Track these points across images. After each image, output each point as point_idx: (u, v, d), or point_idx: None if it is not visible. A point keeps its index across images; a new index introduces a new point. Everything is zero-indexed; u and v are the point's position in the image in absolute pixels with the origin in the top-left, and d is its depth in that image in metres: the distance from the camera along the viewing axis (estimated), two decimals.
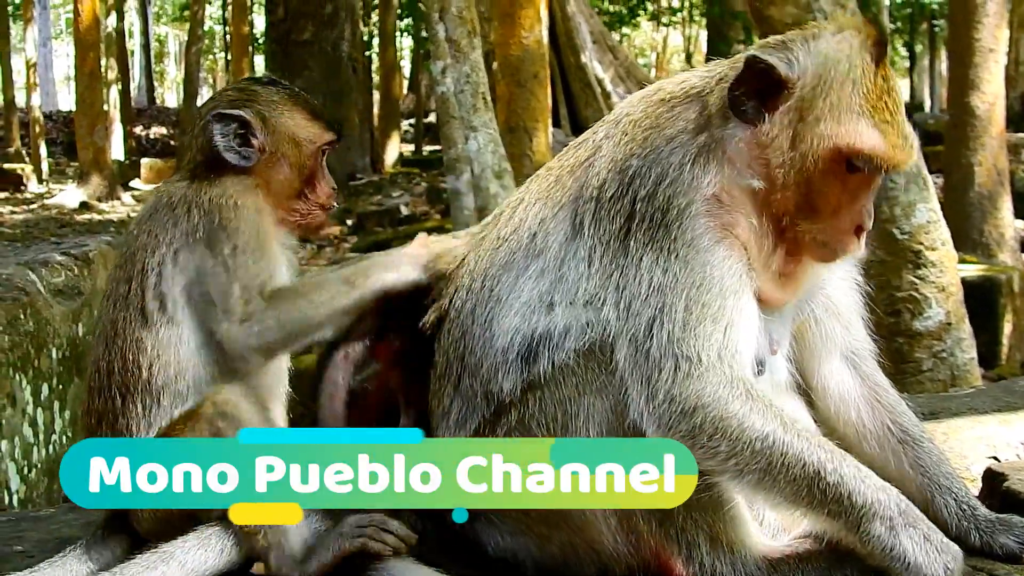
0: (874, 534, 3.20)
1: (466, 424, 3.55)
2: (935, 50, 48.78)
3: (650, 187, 3.36)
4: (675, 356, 3.20)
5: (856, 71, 3.36)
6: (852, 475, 3.22)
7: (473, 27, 13.16)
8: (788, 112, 3.37)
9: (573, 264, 3.44)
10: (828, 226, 3.39)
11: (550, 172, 3.73)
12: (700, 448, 3.18)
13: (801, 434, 3.23)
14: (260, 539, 3.46)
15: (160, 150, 46.88)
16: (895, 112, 3.37)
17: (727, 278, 3.30)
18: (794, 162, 3.35)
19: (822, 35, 3.44)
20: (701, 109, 3.47)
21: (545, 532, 3.52)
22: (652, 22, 53.87)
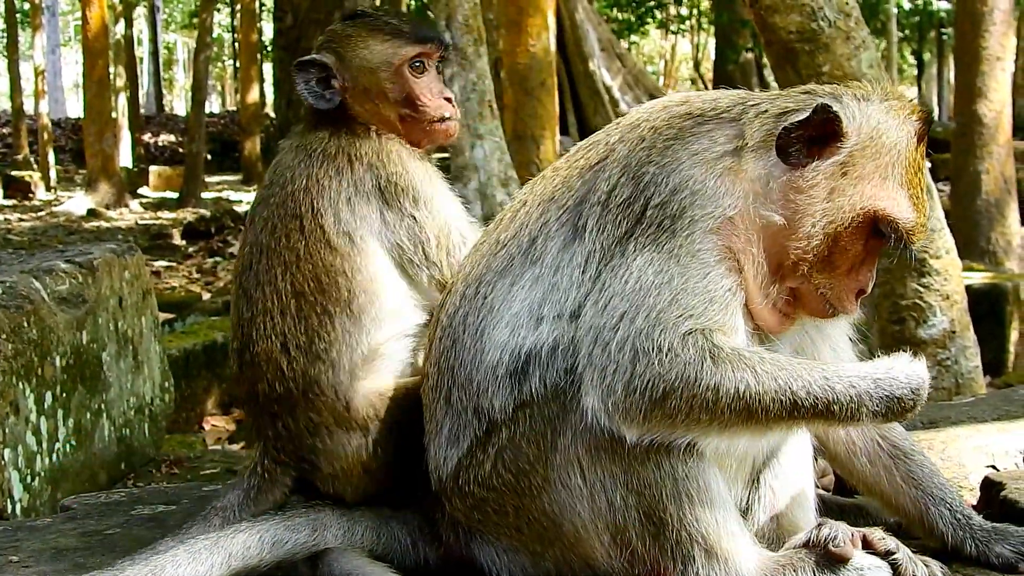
0: (853, 395, 3.20)
1: (459, 442, 3.53)
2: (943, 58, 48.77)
3: (665, 195, 3.32)
4: (633, 349, 3.16)
5: (902, 143, 3.40)
6: (825, 372, 3.23)
7: (479, 35, 13.18)
8: (834, 165, 3.37)
9: (568, 271, 3.40)
10: (838, 284, 3.41)
11: (556, 173, 3.67)
12: (682, 423, 3.17)
13: (768, 363, 3.20)
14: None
15: (168, 157, 47.02)
16: (924, 190, 3.43)
17: (718, 291, 3.26)
18: (827, 214, 3.34)
19: (872, 98, 3.46)
20: (734, 135, 3.42)
21: (539, 549, 3.50)
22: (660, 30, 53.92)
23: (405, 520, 3.76)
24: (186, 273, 23.18)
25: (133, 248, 8.64)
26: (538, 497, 3.40)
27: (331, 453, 3.84)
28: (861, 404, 3.20)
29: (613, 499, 3.32)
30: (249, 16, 41.71)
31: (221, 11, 59.47)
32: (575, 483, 3.34)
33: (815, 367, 3.25)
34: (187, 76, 72.47)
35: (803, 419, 3.23)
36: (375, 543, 3.70)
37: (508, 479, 3.42)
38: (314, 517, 3.67)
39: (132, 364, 8.23)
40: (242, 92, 42.45)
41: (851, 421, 3.24)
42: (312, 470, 3.88)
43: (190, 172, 35.56)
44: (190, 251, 26.29)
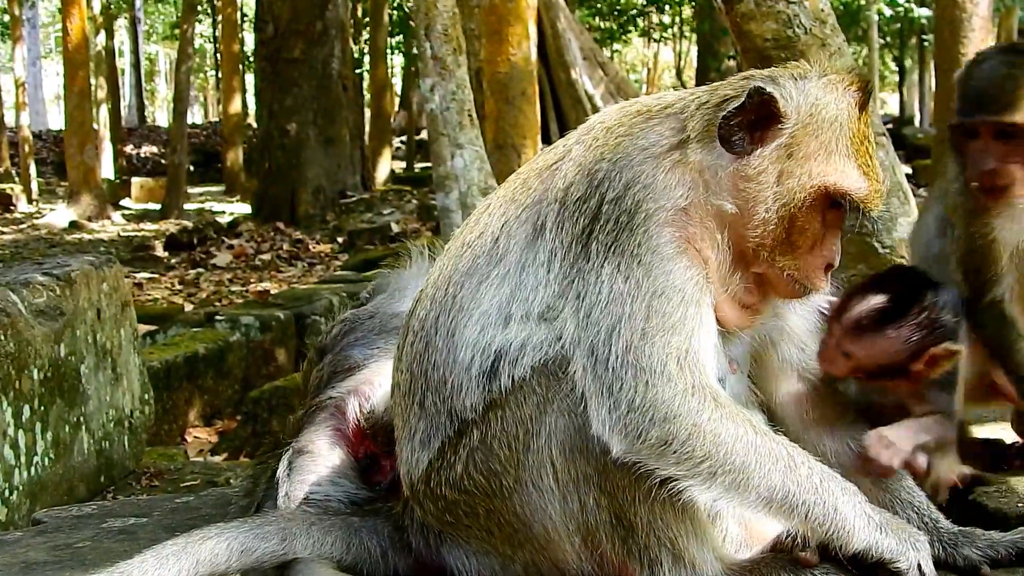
0: (848, 516, 3.24)
1: (430, 444, 3.54)
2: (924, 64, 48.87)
3: (619, 190, 3.35)
4: (635, 366, 3.19)
5: (843, 115, 3.42)
6: (820, 468, 3.28)
7: (459, 45, 13.17)
8: (778, 149, 3.40)
9: (533, 269, 3.43)
10: (803, 263, 3.44)
11: (518, 176, 3.72)
12: (673, 454, 3.18)
13: (769, 433, 3.28)
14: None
15: (151, 169, 46.96)
16: (874, 156, 3.47)
17: (688, 287, 3.29)
18: (779, 197, 3.37)
19: (809, 76, 3.48)
20: (679, 128, 3.46)
21: (510, 551, 3.51)
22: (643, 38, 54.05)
23: (375, 529, 3.76)
24: (168, 285, 23.09)
25: (111, 260, 8.62)
26: (509, 499, 3.41)
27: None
28: (853, 537, 3.26)
29: (585, 501, 3.34)
30: (231, 27, 41.68)
31: (203, 22, 59.39)
32: (547, 484, 3.36)
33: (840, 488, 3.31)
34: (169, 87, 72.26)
35: (792, 485, 3.24)
36: (345, 553, 3.69)
37: (479, 480, 3.43)
38: (283, 526, 3.66)
39: (111, 376, 8.20)
40: (224, 103, 42.42)
41: (835, 530, 3.26)
42: None
43: (172, 183, 35.50)
44: (172, 263, 26.21)
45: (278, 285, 22.00)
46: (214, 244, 28.05)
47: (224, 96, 42.58)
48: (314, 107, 31.17)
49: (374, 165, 37.32)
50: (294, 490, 4.08)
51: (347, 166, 32.44)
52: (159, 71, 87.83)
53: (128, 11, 56.65)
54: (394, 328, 4.06)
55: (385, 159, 39.45)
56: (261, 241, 28.68)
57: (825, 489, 3.24)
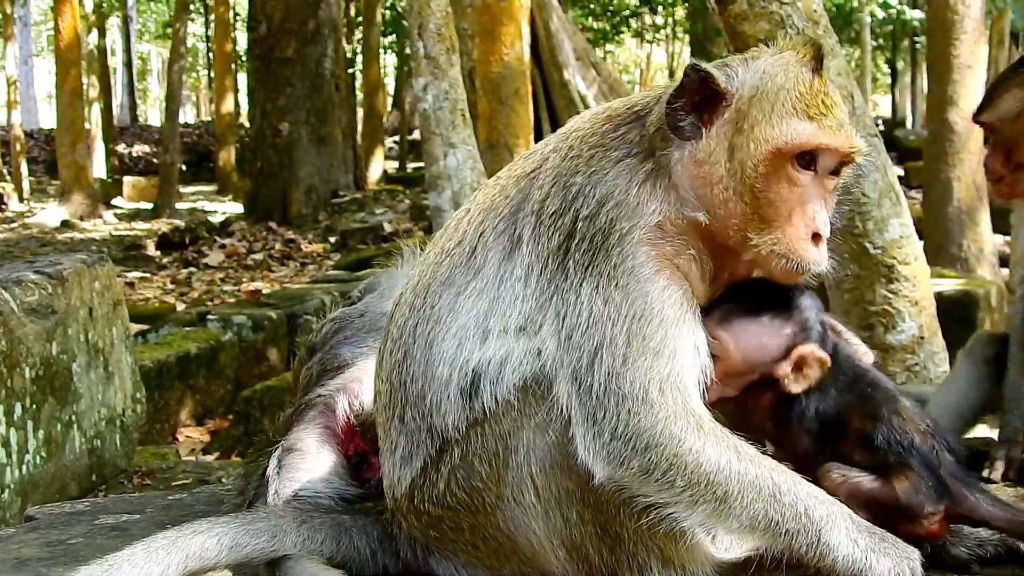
0: (834, 544, 3.19)
1: (412, 462, 3.52)
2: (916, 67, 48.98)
3: (593, 207, 3.31)
4: (617, 394, 3.16)
5: (791, 80, 3.33)
6: (806, 492, 3.23)
7: (452, 44, 13.18)
8: (726, 125, 3.34)
9: (510, 283, 3.39)
10: (783, 235, 3.31)
11: (497, 182, 3.67)
12: (655, 482, 3.16)
13: (754, 459, 3.22)
14: None
15: (143, 168, 46.89)
16: (831, 107, 3.34)
17: (668, 308, 3.24)
18: (733, 173, 3.31)
19: (761, 55, 3.43)
20: (641, 130, 3.43)
21: (496, 564, 3.51)
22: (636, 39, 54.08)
23: (365, 529, 3.75)
24: (160, 284, 23.11)
25: (104, 258, 8.59)
26: (492, 514, 3.40)
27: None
28: (838, 565, 3.21)
29: (568, 515, 3.33)
30: (223, 26, 41.63)
31: (195, 21, 59.33)
32: (528, 500, 3.34)
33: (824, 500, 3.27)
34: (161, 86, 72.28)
35: (775, 513, 3.20)
36: (334, 552, 3.68)
37: (462, 497, 3.42)
38: (274, 523, 3.66)
39: (103, 375, 8.19)
40: (216, 102, 42.40)
41: (819, 557, 3.22)
42: None
43: (164, 183, 35.50)
44: (164, 262, 26.21)
45: (270, 285, 22.01)
46: (206, 243, 28.05)
47: (216, 95, 42.56)
48: (307, 106, 31.16)
49: (367, 164, 37.29)
50: (284, 488, 4.08)
51: (340, 165, 32.43)
52: (151, 70, 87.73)
53: (120, 10, 56.62)
54: (383, 327, 4.06)
55: (378, 158, 39.43)
56: (253, 240, 28.68)
57: (809, 518, 3.19)
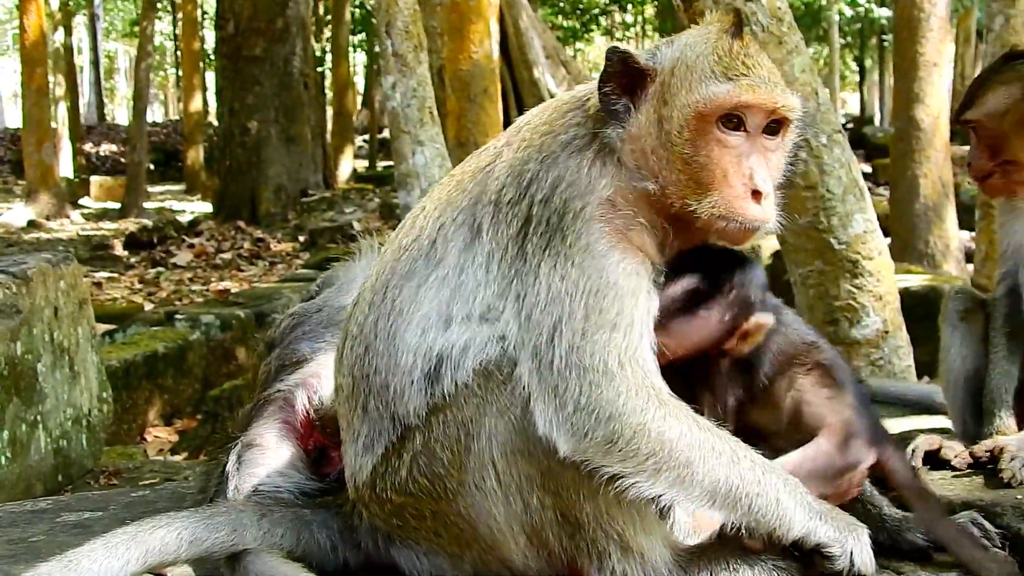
0: (790, 506, 3.27)
1: (374, 449, 3.54)
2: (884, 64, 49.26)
3: (547, 190, 3.36)
4: (578, 366, 3.20)
5: (710, 46, 3.41)
6: (762, 462, 3.30)
7: (419, 41, 13.17)
8: (652, 99, 3.42)
9: (471, 271, 3.43)
10: (721, 197, 3.36)
11: (452, 178, 3.73)
12: (619, 451, 3.19)
13: (711, 429, 3.28)
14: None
15: (110, 167, 46.64)
16: (752, 66, 3.38)
17: (623, 281, 3.29)
18: (664, 143, 3.38)
19: (687, 32, 3.54)
20: (585, 115, 3.51)
21: (458, 551, 3.52)
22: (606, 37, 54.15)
23: (326, 523, 3.76)
24: (128, 284, 22.99)
25: (69, 257, 8.54)
26: (454, 501, 3.42)
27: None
28: (792, 526, 3.28)
29: (529, 500, 3.35)
30: (191, 24, 41.51)
31: (163, 19, 59.12)
32: (490, 486, 3.36)
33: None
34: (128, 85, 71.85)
35: (736, 480, 3.25)
36: (295, 545, 3.69)
37: (424, 484, 3.44)
38: (234, 517, 3.66)
39: (69, 374, 8.15)
40: (184, 101, 42.26)
41: (777, 520, 3.28)
42: None
43: (132, 182, 35.31)
44: (132, 262, 26.08)
45: (239, 284, 21.95)
46: (174, 243, 27.93)
47: (184, 94, 42.41)
48: (275, 105, 31.09)
49: (336, 163, 37.26)
50: (243, 483, 4.07)
51: (309, 164, 32.38)
52: (118, 69, 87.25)
53: (87, 8, 56.32)
54: (341, 321, 4.06)
55: (347, 157, 39.39)
56: (222, 240, 28.59)
57: (767, 482, 3.26)
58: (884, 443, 3.62)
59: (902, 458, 3.68)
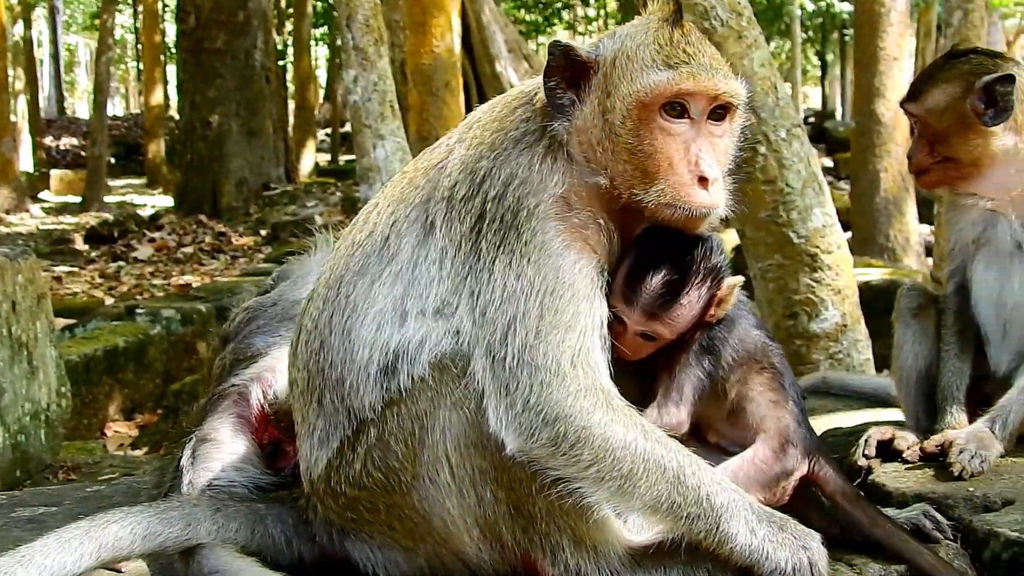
0: (732, 533, 3.24)
1: (329, 442, 3.54)
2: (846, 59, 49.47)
3: (499, 188, 3.37)
4: (531, 365, 3.21)
5: (650, 36, 3.43)
6: (710, 479, 3.28)
7: (380, 35, 13.13)
8: (595, 91, 3.44)
9: (425, 266, 3.44)
10: (667, 185, 3.37)
11: (404, 175, 3.74)
12: (562, 455, 3.20)
13: (661, 440, 3.27)
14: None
15: (71, 161, 46.27)
16: (693, 54, 3.40)
17: (579, 282, 3.31)
18: (609, 134, 3.40)
19: (629, 24, 3.55)
20: (532, 109, 3.52)
21: (412, 545, 3.53)
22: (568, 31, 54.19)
23: (280, 517, 3.75)
24: (89, 278, 22.83)
25: (27, 252, 8.50)
26: (408, 494, 3.43)
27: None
28: (734, 554, 3.26)
29: (482, 494, 3.36)
30: (152, 17, 41.25)
31: (123, 12, 58.70)
32: (444, 479, 3.37)
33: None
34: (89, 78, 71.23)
35: (678, 496, 3.24)
36: (249, 539, 3.68)
37: (378, 477, 3.44)
38: (188, 512, 3.65)
39: (27, 369, 8.09)
40: (145, 94, 42.02)
41: (718, 544, 3.27)
42: None
43: (93, 176, 35.06)
44: (93, 256, 25.90)
45: (200, 278, 21.84)
46: (135, 237, 27.75)
47: (145, 87, 42.16)
48: (237, 98, 30.94)
49: (298, 157, 37.11)
50: (198, 477, 4.06)
51: (270, 158, 32.24)
52: (79, 62, 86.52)
53: (47, 1, 55.83)
54: (296, 315, 4.06)
55: (309, 151, 39.25)
56: (183, 234, 28.44)
57: (711, 504, 3.24)
58: (817, 454, 3.65)
59: (835, 467, 3.69)
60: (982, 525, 3.70)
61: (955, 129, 4.51)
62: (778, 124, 7.75)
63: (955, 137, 4.52)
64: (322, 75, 56.86)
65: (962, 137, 4.50)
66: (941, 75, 4.59)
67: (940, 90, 4.54)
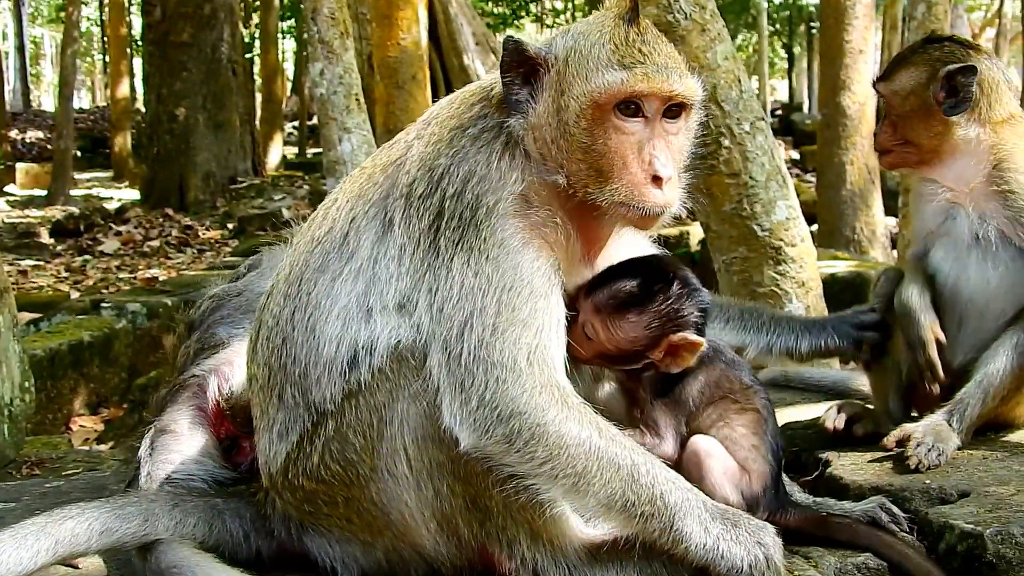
0: (687, 532, 3.25)
1: (288, 436, 3.55)
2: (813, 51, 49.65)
3: (458, 185, 3.38)
4: (487, 361, 3.22)
5: (605, 35, 3.44)
6: (664, 477, 3.29)
7: (345, 28, 13.07)
8: (549, 89, 3.45)
9: (384, 263, 3.45)
10: (621, 184, 3.40)
11: (363, 172, 3.74)
12: (516, 452, 3.22)
13: (615, 439, 3.29)
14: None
15: (36, 154, 45.89)
16: (648, 53, 3.41)
17: (537, 280, 3.32)
18: (564, 133, 3.42)
19: (583, 20, 3.57)
20: (489, 105, 3.54)
21: (370, 538, 3.55)
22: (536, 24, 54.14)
23: (238, 512, 3.76)
24: (54, 272, 22.65)
25: None
26: (366, 487, 3.44)
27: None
28: (689, 553, 3.27)
29: (439, 487, 3.38)
30: (117, 10, 40.94)
31: (89, 4, 58.28)
32: (401, 472, 3.39)
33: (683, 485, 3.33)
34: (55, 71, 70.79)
35: (632, 494, 3.24)
36: (207, 535, 3.69)
37: (336, 470, 3.45)
38: (145, 507, 3.64)
39: None
40: (112, 87, 41.72)
41: (672, 543, 3.28)
42: None
43: (59, 169, 34.78)
44: (59, 250, 25.69)
45: (167, 272, 21.73)
46: (101, 231, 27.56)
47: (112, 80, 41.86)
48: (203, 91, 30.73)
49: (265, 150, 36.92)
50: (156, 469, 4.05)
51: (237, 151, 32.04)
52: (44, 55, 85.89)
53: None
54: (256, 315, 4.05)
55: (276, 144, 39.08)
56: (150, 227, 28.25)
57: (665, 503, 3.25)
58: (786, 503, 3.69)
59: (797, 508, 3.72)
60: (938, 517, 3.73)
61: (918, 114, 4.57)
62: (742, 117, 7.76)
63: (917, 122, 4.58)
64: (290, 68, 56.61)
65: (924, 123, 4.56)
66: (912, 59, 4.65)
67: (908, 73, 4.61)
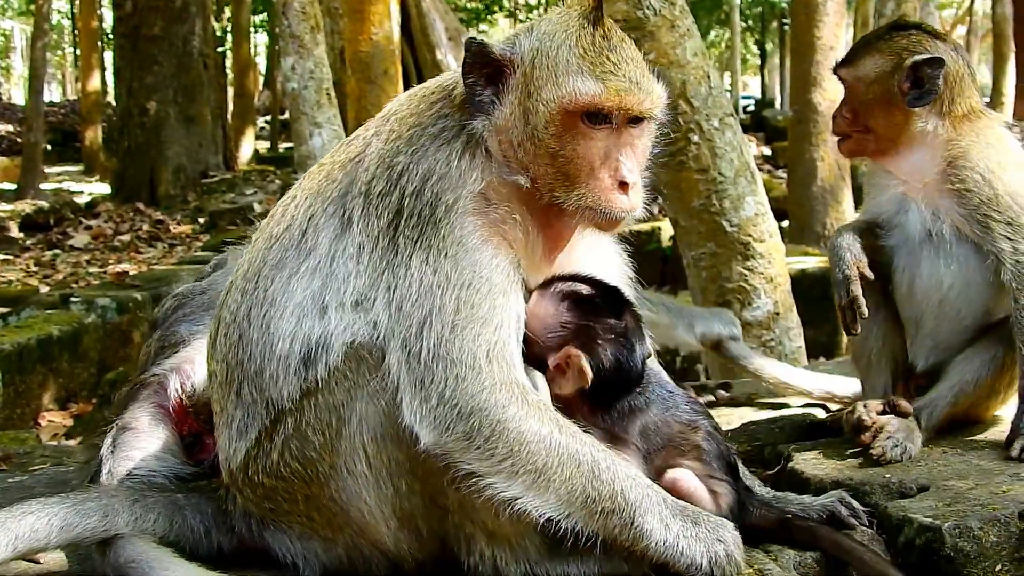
0: (647, 528, 3.26)
1: (247, 433, 3.55)
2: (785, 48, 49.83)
3: (417, 183, 3.38)
4: (446, 359, 3.22)
5: (572, 36, 3.45)
6: (624, 474, 3.30)
7: (316, 22, 13.08)
8: (515, 91, 3.46)
9: (343, 260, 3.45)
10: (588, 189, 3.42)
11: (322, 168, 3.73)
12: (476, 449, 3.22)
13: (576, 435, 3.30)
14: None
15: (6, 148, 45.63)
16: (618, 63, 3.43)
17: (496, 277, 3.33)
18: (530, 136, 3.42)
19: (545, 18, 3.56)
20: (451, 105, 3.53)
21: (331, 535, 3.55)
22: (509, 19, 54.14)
23: (199, 508, 3.76)
24: (24, 266, 22.54)
25: None
26: (326, 484, 3.44)
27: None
28: (649, 550, 3.26)
29: (399, 485, 3.38)
30: (88, 3, 40.75)
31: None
32: (361, 470, 3.39)
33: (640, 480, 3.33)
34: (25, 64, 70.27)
35: (592, 490, 3.24)
36: (167, 530, 3.68)
37: (296, 468, 3.45)
38: (106, 503, 3.64)
39: None
40: (82, 80, 41.51)
41: (633, 540, 3.27)
42: None
43: (28, 163, 34.59)
44: (28, 244, 25.56)
45: (137, 266, 21.62)
46: (71, 225, 27.42)
47: (82, 73, 41.67)
48: (174, 85, 30.60)
49: (237, 145, 36.81)
50: (117, 466, 4.05)
51: (209, 145, 31.93)
52: (15, 47, 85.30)
53: None
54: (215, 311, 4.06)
55: (248, 139, 38.96)
56: (120, 222, 28.13)
57: (625, 499, 3.25)
58: (746, 501, 3.66)
59: (758, 507, 3.70)
60: (897, 511, 3.76)
61: (879, 102, 4.56)
62: (711, 113, 7.79)
63: (878, 110, 4.57)
64: (262, 62, 56.44)
65: (884, 111, 4.55)
66: (877, 45, 4.62)
67: (872, 61, 4.58)
